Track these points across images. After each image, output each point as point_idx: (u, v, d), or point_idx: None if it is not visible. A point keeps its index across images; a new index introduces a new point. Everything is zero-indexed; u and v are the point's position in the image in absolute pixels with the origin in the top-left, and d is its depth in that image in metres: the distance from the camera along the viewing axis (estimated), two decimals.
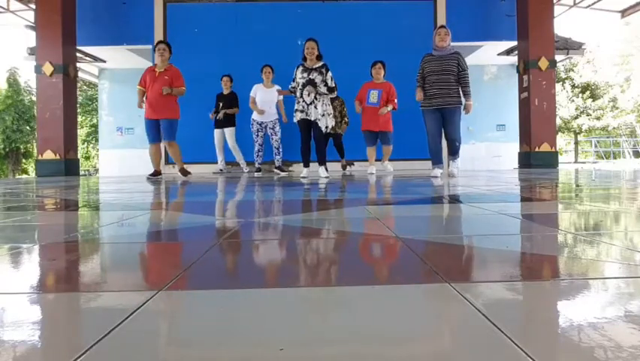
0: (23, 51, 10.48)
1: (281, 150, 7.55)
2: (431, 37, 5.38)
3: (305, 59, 5.59)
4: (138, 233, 1.70)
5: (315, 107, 5.53)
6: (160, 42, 6.06)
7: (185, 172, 6.20)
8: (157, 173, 6.14)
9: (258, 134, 7.56)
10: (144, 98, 5.93)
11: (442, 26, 5.37)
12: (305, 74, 5.53)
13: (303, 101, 5.56)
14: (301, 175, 5.75)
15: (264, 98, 7.29)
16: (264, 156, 7.73)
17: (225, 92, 7.76)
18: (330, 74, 5.54)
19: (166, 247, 1.42)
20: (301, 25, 8.62)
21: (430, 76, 5.21)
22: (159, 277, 1.03)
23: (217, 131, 7.85)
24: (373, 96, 6.52)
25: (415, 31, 8.62)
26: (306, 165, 5.77)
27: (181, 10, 8.92)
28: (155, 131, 5.95)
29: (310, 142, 5.75)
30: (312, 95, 5.52)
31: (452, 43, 5.32)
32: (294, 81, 5.68)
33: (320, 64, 5.57)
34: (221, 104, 7.69)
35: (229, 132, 7.74)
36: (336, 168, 7.97)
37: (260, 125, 7.49)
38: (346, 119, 7.52)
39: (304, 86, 5.52)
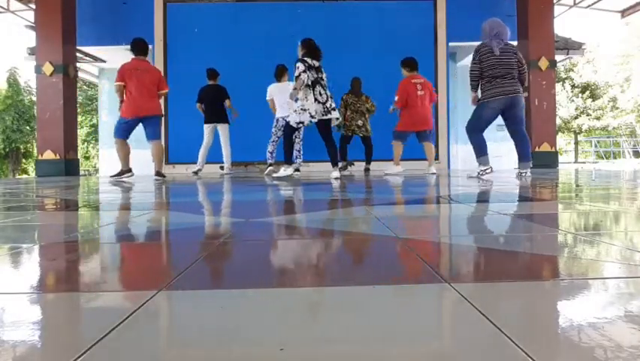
0: (23, 51, 10.48)
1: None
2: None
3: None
4: (138, 233, 1.70)
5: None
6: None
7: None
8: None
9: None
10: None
11: None
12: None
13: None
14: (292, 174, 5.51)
15: (282, 98, 6.65)
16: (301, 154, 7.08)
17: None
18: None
19: (166, 247, 1.41)
20: (301, 25, 8.61)
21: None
22: (159, 277, 1.03)
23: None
24: (419, 88, 6.26)
25: (416, 31, 8.62)
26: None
27: (181, 10, 8.92)
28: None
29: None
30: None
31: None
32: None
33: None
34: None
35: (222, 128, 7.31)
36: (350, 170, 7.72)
37: (277, 121, 6.97)
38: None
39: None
